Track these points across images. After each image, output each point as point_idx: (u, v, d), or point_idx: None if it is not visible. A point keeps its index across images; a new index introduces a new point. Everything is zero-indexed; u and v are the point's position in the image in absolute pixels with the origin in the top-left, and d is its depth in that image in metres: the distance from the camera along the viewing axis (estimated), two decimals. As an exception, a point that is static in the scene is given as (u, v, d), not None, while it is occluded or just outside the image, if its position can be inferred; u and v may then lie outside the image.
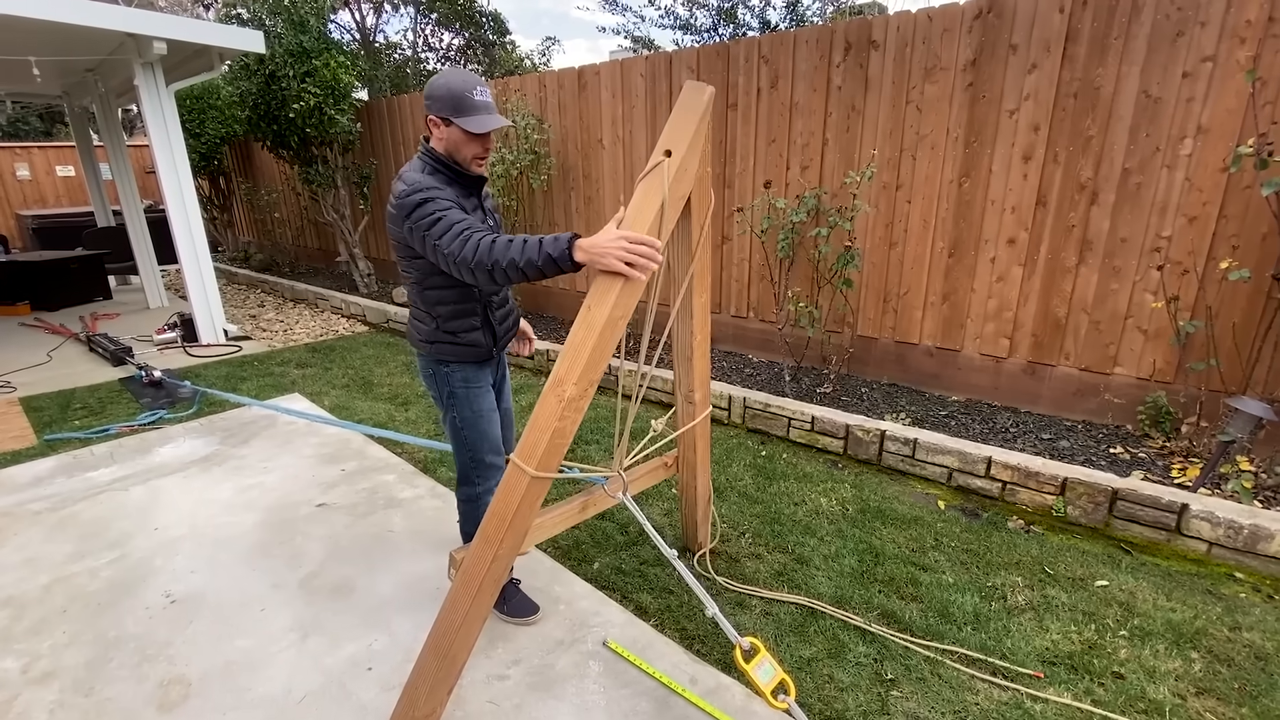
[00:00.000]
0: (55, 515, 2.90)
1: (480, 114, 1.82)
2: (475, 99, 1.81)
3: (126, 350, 5.20)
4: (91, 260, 7.67)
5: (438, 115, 1.83)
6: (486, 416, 2.09)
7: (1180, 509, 2.52)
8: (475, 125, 1.80)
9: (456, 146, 1.86)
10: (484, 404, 2.08)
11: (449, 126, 1.83)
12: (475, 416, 2.07)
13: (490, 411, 2.10)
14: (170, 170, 5.28)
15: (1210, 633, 2.12)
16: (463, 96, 1.80)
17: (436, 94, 1.82)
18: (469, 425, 2.07)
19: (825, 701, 1.87)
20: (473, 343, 2.01)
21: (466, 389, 2.05)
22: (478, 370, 2.06)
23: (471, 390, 2.06)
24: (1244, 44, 2.78)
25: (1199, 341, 3.06)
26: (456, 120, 1.81)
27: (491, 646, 2.09)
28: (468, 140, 1.84)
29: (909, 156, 3.74)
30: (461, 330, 1.99)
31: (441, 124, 1.84)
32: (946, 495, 3.02)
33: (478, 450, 2.10)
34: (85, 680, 1.98)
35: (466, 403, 2.06)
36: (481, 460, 2.11)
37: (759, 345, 4.69)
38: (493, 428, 2.11)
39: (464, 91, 1.80)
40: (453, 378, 2.04)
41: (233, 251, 10.53)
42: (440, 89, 1.82)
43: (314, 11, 6.48)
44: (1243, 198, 2.89)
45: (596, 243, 1.50)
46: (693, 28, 11.07)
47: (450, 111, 1.81)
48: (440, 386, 2.06)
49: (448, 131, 1.84)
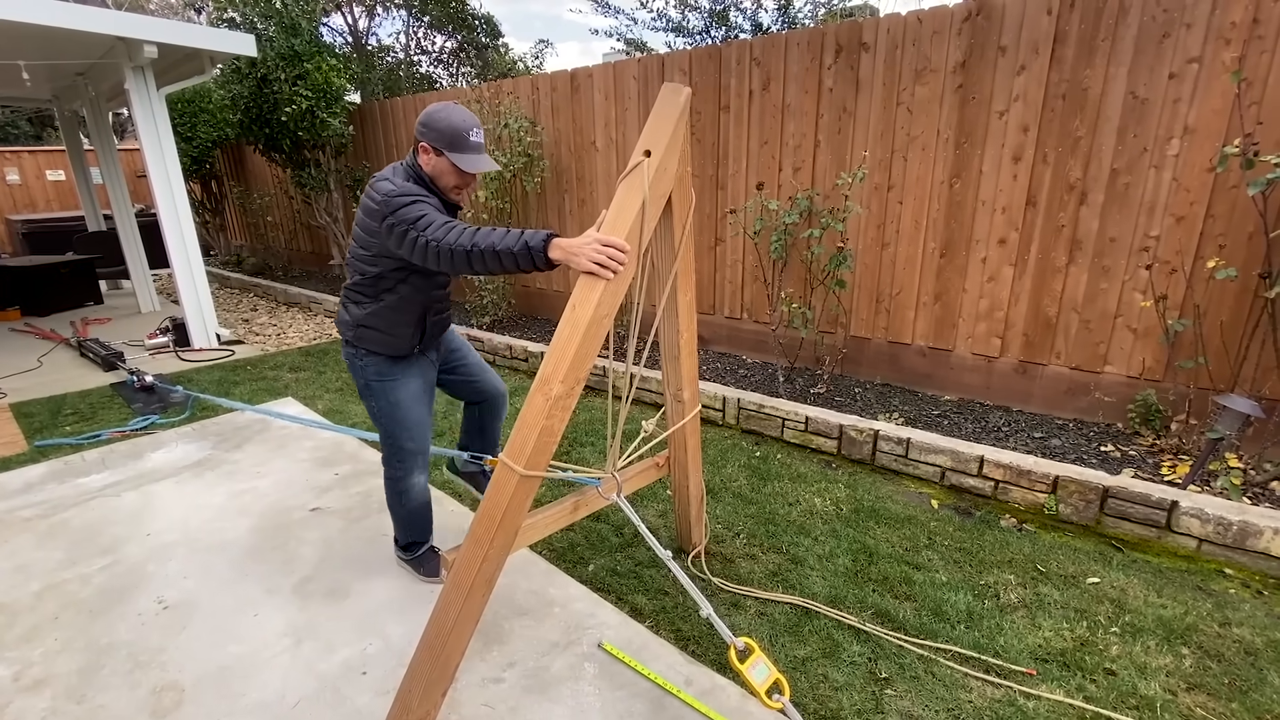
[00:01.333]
0: (46, 522, 2.88)
1: (472, 154, 1.93)
2: (470, 140, 1.92)
3: (118, 355, 5.17)
4: (82, 265, 7.63)
5: (431, 145, 1.91)
6: (404, 406, 2.20)
7: (1170, 506, 2.55)
8: (466, 164, 1.92)
9: (441, 175, 1.96)
10: (400, 395, 2.19)
11: (439, 157, 1.93)
12: (391, 407, 2.19)
13: (411, 401, 2.20)
14: (161, 174, 5.26)
15: (1200, 629, 2.14)
16: (460, 135, 1.90)
17: (436, 125, 1.90)
18: (385, 415, 2.21)
19: (820, 701, 1.87)
20: (399, 337, 2.12)
21: (381, 381, 2.17)
22: (392, 365, 2.16)
23: (386, 383, 2.17)
24: (1229, 45, 2.82)
25: (1187, 340, 3.09)
26: (449, 154, 1.90)
27: (486, 650, 2.09)
28: (454, 173, 1.95)
29: (900, 158, 3.77)
30: (394, 325, 2.10)
31: (433, 153, 1.93)
32: (940, 494, 3.03)
33: (395, 438, 2.23)
34: (77, 687, 1.97)
35: (382, 394, 2.18)
36: (400, 447, 2.24)
37: (753, 346, 4.71)
38: (411, 415, 2.21)
39: (463, 131, 1.90)
40: (368, 370, 2.17)
41: (225, 255, 10.48)
42: (441, 122, 1.90)
43: (306, 14, 6.47)
44: (1229, 197, 2.92)
45: (572, 243, 1.56)
46: (685, 30, 11.09)
47: (445, 145, 1.90)
48: (358, 376, 2.21)
49: (438, 161, 1.94)
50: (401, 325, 2.10)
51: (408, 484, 2.30)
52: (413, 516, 2.40)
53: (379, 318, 2.09)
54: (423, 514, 2.42)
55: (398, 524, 2.44)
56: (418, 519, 2.41)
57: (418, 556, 2.48)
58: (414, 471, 2.29)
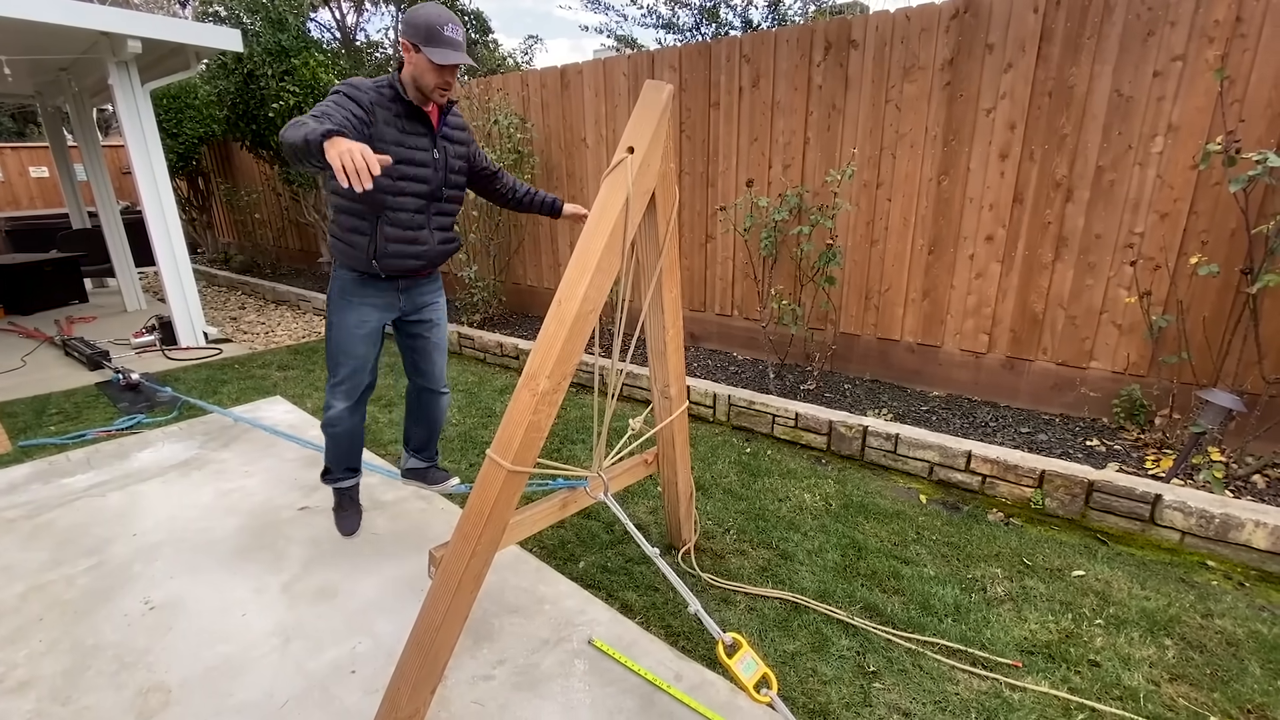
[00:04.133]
0: (30, 523, 2.85)
1: (447, 48, 2.01)
2: (445, 33, 2.00)
3: (103, 354, 5.11)
4: (66, 263, 7.53)
5: (409, 40, 2.02)
6: (347, 330, 2.35)
7: (1154, 499, 2.58)
8: (439, 57, 1.99)
9: (422, 74, 2.06)
10: (349, 318, 2.34)
11: (417, 54, 2.02)
12: (339, 325, 2.36)
13: (354, 329, 2.35)
14: (146, 171, 5.20)
15: (1183, 620, 2.16)
16: (434, 28, 1.99)
17: (413, 20, 2.02)
18: (332, 328, 2.38)
19: (809, 695, 1.89)
20: (353, 244, 2.21)
21: (341, 299, 2.33)
22: (357, 287, 2.30)
23: (344, 302, 2.33)
24: (1213, 43, 2.84)
25: (1171, 335, 3.12)
26: (425, 49, 2.00)
27: (477, 647, 2.09)
28: (432, 70, 2.03)
29: (889, 155, 3.78)
30: (348, 233, 2.21)
31: (411, 49, 2.03)
32: (928, 489, 3.06)
33: (333, 357, 2.42)
34: (63, 689, 1.95)
35: (336, 309, 2.35)
36: (335, 365, 2.43)
37: (743, 343, 4.72)
38: (349, 341, 2.37)
39: (437, 25, 1.99)
40: (334, 285, 2.34)
41: (212, 253, 10.39)
42: (417, 16, 2.01)
43: (292, 9, 6.41)
44: (1212, 194, 2.95)
45: (342, 142, 1.57)
46: (675, 27, 11.09)
47: (421, 39, 2.00)
48: (329, 292, 2.38)
49: (416, 58, 2.04)
50: (355, 234, 2.20)
51: (329, 401, 2.50)
52: (330, 440, 2.60)
53: (337, 225, 2.23)
54: (338, 442, 2.60)
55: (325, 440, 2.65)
56: (332, 444, 2.62)
57: (333, 487, 2.73)
58: (336, 397, 2.48)
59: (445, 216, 2.36)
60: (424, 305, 2.49)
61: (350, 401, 2.49)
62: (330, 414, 2.52)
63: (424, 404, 2.72)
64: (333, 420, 2.53)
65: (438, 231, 2.33)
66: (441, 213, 2.33)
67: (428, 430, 2.79)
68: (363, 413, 2.60)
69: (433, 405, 2.71)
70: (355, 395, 2.49)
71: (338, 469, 2.69)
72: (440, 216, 2.33)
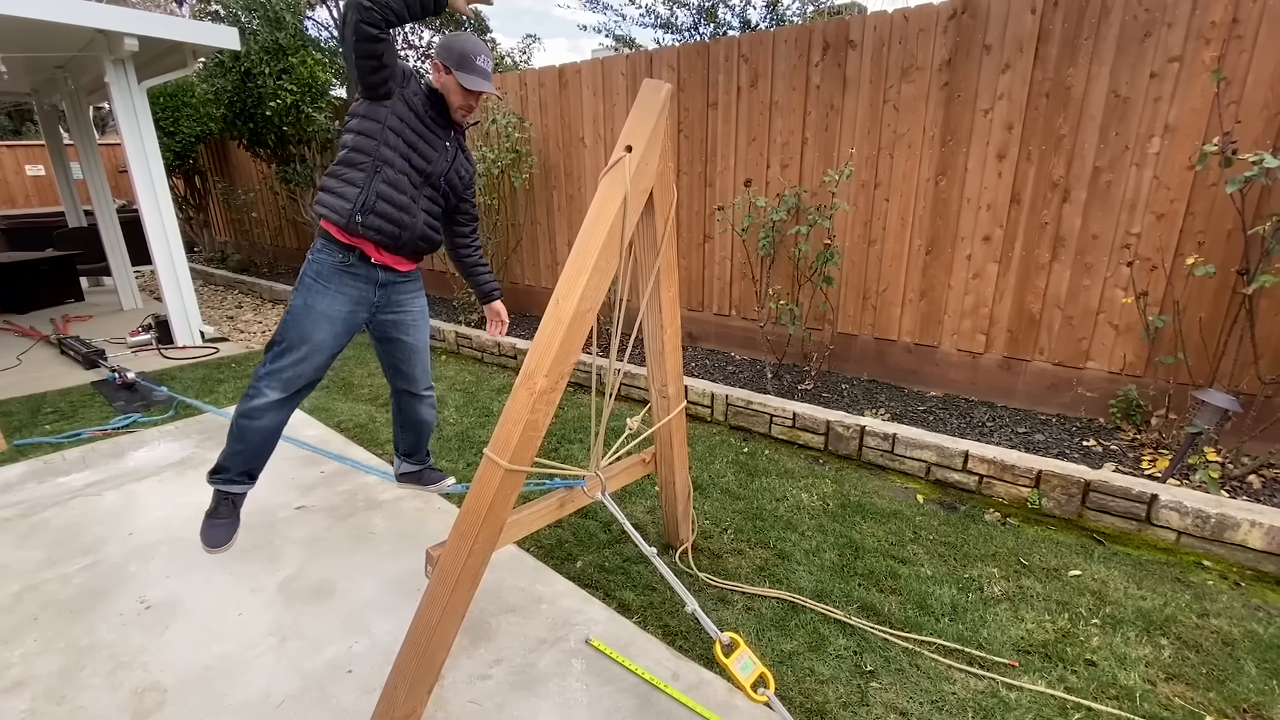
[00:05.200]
0: (26, 522, 2.83)
1: (477, 76, 2.17)
2: (477, 63, 2.17)
3: (99, 353, 5.09)
4: (63, 261, 7.50)
5: (442, 62, 2.16)
6: (314, 315, 2.20)
7: (1150, 499, 2.58)
8: (469, 83, 2.16)
9: (449, 93, 2.21)
10: (320, 304, 2.20)
11: (447, 75, 2.17)
12: (303, 309, 2.20)
13: (324, 317, 2.20)
14: (143, 169, 5.18)
15: (1179, 620, 2.17)
16: (468, 57, 2.16)
17: (449, 46, 2.18)
18: (292, 311, 2.21)
19: (806, 694, 1.89)
20: (343, 195, 2.13)
21: (315, 282, 2.20)
22: (336, 272, 2.21)
23: (317, 286, 2.20)
24: (1209, 45, 2.85)
25: (1168, 336, 3.13)
26: (456, 73, 2.15)
27: (474, 646, 2.08)
28: (459, 92, 2.19)
29: (886, 155, 3.79)
30: (343, 180, 2.15)
31: (442, 70, 2.18)
32: (925, 489, 3.06)
33: (286, 338, 2.20)
34: (58, 689, 1.94)
35: (306, 292, 2.20)
36: (285, 348, 2.20)
37: (741, 343, 4.72)
38: (315, 331, 2.20)
39: (471, 54, 2.16)
40: (310, 266, 2.22)
41: (209, 252, 10.35)
42: (454, 44, 2.18)
43: (290, 8, 6.39)
44: (1208, 195, 2.96)
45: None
46: (674, 26, 11.09)
47: (454, 64, 2.15)
48: (303, 270, 2.25)
49: (445, 79, 2.19)
50: (348, 184, 2.14)
51: (258, 389, 2.22)
52: (238, 431, 2.27)
53: (334, 176, 2.18)
54: (244, 437, 2.27)
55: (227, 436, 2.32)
56: (237, 437, 2.28)
57: (215, 488, 2.35)
58: (270, 385, 2.21)
59: (434, 205, 2.32)
60: (400, 303, 2.39)
61: (285, 394, 2.23)
62: (254, 403, 2.22)
63: (407, 408, 2.65)
64: (255, 411, 2.23)
65: (424, 214, 2.28)
66: (432, 200, 2.30)
67: (415, 434, 2.73)
68: (290, 412, 2.32)
69: (416, 409, 2.64)
70: (293, 388, 2.24)
71: (235, 469, 2.33)
72: (430, 203, 2.30)
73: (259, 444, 2.31)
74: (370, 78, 2.05)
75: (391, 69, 2.07)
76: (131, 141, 5.11)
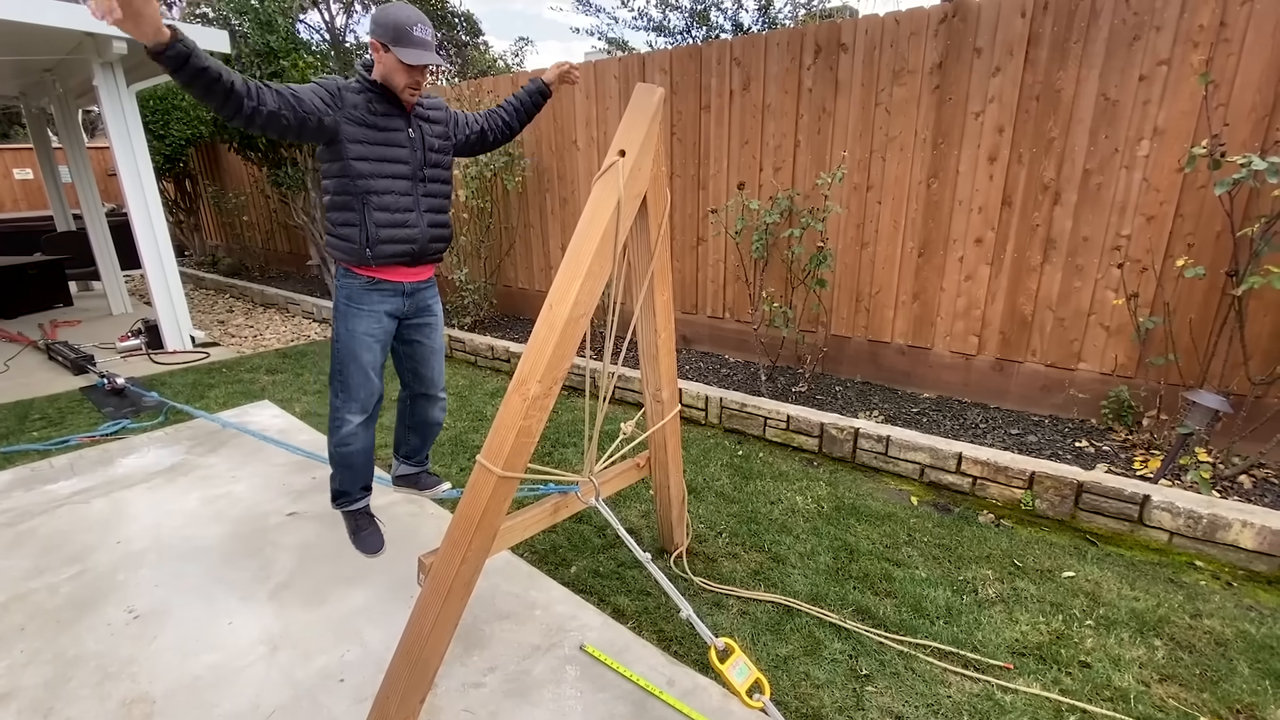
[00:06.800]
0: (12, 530, 2.80)
1: (416, 48, 2.01)
2: (414, 34, 2.01)
3: (88, 358, 5.05)
4: (51, 266, 7.44)
5: (377, 40, 2.02)
6: (360, 339, 2.27)
7: (1142, 500, 2.59)
8: (408, 57, 2.00)
9: (392, 73, 2.06)
10: (359, 326, 2.26)
11: (386, 53, 2.02)
12: (348, 335, 2.27)
13: (367, 335, 2.28)
14: (132, 173, 5.14)
15: (1172, 620, 2.18)
16: (403, 28, 1.99)
17: (381, 20, 2.01)
18: (339, 339, 2.29)
19: (802, 699, 1.88)
20: (347, 238, 2.17)
21: (348, 305, 2.26)
22: (364, 291, 2.25)
23: (352, 308, 2.25)
24: (1197, 48, 2.87)
25: (1158, 337, 3.15)
26: (394, 49, 2.00)
27: (467, 654, 2.07)
28: (401, 69, 2.04)
29: (879, 158, 3.80)
30: (340, 224, 2.18)
31: (380, 49, 2.03)
32: (919, 491, 3.06)
33: (344, 366, 2.30)
34: (44, 700, 1.91)
35: (344, 319, 2.27)
36: (347, 376, 2.31)
37: (735, 346, 4.72)
38: (366, 352, 2.29)
39: (406, 25, 1.99)
40: (342, 292, 2.27)
41: (200, 256, 10.29)
42: (385, 17, 2.01)
43: (281, 10, 6.36)
44: (1198, 197, 2.98)
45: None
46: (666, 29, 11.10)
47: (390, 39, 2.00)
48: (336, 299, 2.30)
49: (385, 58, 2.04)
50: (346, 226, 2.17)
51: (341, 418, 2.36)
52: (340, 458, 2.43)
53: (330, 222, 2.20)
54: (349, 462, 2.44)
55: (331, 464, 2.48)
56: (342, 464, 2.45)
57: (345, 511, 2.54)
58: (351, 412, 2.36)
59: (435, 199, 2.29)
60: (425, 307, 2.44)
61: (365, 415, 2.38)
62: (344, 431, 2.36)
63: (420, 410, 2.65)
64: (347, 438, 2.37)
65: (428, 214, 2.27)
66: (430, 194, 2.28)
67: (422, 436, 2.74)
68: (373, 427, 2.48)
69: (428, 410, 2.65)
70: (370, 408, 2.39)
71: (354, 489, 2.50)
72: (429, 199, 2.27)
73: (361, 463, 2.47)
74: (308, 137, 2.03)
75: (312, 114, 1.97)
76: (120, 145, 5.07)
